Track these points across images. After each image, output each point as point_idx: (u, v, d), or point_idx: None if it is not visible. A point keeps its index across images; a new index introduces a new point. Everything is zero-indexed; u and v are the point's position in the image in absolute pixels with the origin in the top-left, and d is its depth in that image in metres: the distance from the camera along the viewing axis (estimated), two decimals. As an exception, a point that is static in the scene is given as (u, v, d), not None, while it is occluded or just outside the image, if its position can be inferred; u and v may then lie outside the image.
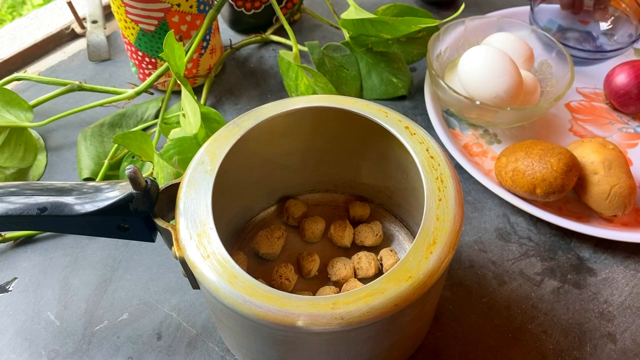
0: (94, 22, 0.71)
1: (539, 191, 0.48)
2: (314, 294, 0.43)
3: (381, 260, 0.45)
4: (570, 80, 0.55)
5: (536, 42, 0.61)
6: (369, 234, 0.47)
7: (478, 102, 0.54)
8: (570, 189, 0.49)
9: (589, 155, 0.50)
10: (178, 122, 0.57)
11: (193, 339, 0.44)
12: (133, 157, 0.54)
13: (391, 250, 0.46)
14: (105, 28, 0.71)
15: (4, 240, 0.50)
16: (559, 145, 0.50)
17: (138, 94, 0.56)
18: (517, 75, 0.53)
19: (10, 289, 0.48)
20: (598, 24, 0.67)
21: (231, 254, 0.32)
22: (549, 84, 0.59)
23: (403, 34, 0.57)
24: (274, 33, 0.70)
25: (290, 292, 0.42)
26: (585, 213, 0.52)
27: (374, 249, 0.47)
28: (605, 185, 0.49)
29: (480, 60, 0.53)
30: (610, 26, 0.67)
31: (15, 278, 0.48)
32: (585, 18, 0.68)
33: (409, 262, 0.32)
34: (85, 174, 0.54)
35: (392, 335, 0.35)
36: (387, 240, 0.48)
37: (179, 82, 0.48)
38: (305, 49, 0.61)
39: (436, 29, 0.62)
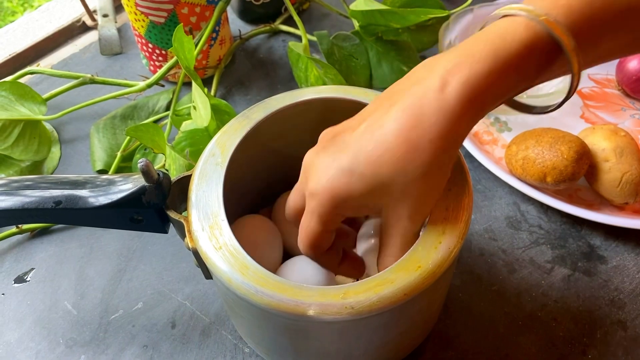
0: (105, 15, 0.71)
1: (550, 179, 0.48)
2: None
3: None
4: (581, 67, 0.55)
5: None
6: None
7: (488, 91, 0.53)
8: (581, 177, 0.49)
9: (600, 143, 0.50)
10: (189, 114, 0.57)
11: (206, 327, 0.45)
12: (145, 149, 0.55)
13: None
14: (116, 21, 0.71)
15: (21, 232, 0.51)
16: (570, 133, 0.50)
17: (149, 86, 0.57)
18: None
19: (28, 280, 0.49)
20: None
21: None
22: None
23: (412, 23, 0.57)
24: (283, 23, 0.70)
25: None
26: (597, 201, 0.52)
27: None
28: (617, 173, 0.48)
29: None
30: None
31: (32, 268, 0.49)
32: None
33: (418, 252, 0.32)
34: (99, 166, 0.55)
35: (402, 324, 0.35)
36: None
37: (189, 76, 0.49)
38: (315, 38, 0.61)
39: (446, 17, 0.61)
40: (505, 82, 0.29)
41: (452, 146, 0.30)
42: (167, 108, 0.61)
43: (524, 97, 0.53)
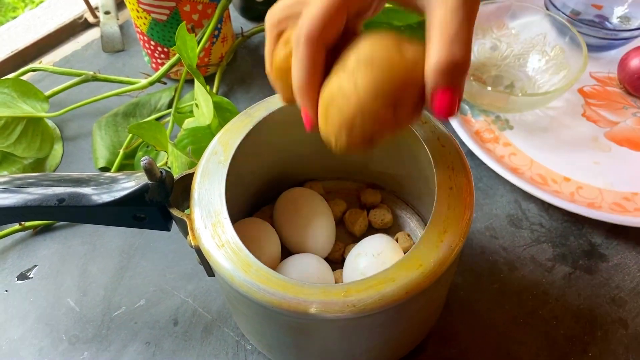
0: (107, 12, 0.71)
1: None
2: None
3: (397, 241, 0.46)
4: (583, 65, 0.55)
5: (550, 26, 0.61)
6: (385, 214, 0.48)
7: (489, 89, 0.53)
8: None
9: None
10: (191, 112, 0.57)
11: (209, 324, 0.45)
12: (148, 146, 0.55)
13: (408, 235, 0.46)
14: (118, 18, 0.71)
15: (24, 229, 0.51)
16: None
17: (151, 83, 0.57)
18: None
19: (31, 276, 0.49)
20: (613, 8, 0.66)
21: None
22: (562, 69, 0.59)
23: (415, 21, 0.57)
24: (285, 20, 0.70)
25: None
26: (598, 199, 0.52)
27: (388, 231, 0.47)
28: None
29: None
30: (626, 10, 0.66)
31: (35, 265, 0.50)
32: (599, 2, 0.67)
33: (420, 250, 0.32)
34: (101, 163, 0.55)
35: (403, 321, 0.36)
36: (399, 227, 0.48)
37: (191, 74, 0.49)
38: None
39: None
40: None
41: None
42: (170, 105, 0.61)
43: (519, 95, 0.53)
